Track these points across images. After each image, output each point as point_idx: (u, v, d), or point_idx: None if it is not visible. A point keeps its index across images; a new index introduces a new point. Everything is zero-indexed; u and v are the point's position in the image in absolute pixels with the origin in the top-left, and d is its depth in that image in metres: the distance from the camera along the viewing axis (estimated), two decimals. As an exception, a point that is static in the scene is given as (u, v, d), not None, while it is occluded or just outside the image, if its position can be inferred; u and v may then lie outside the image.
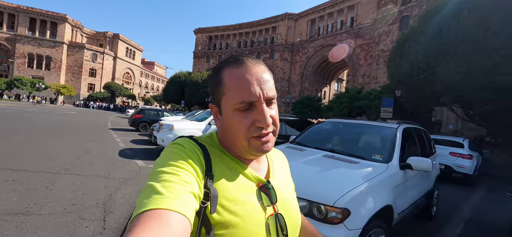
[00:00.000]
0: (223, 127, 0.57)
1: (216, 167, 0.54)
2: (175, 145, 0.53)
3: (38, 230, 2.44)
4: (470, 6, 8.72)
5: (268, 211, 0.56)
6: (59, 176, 4.16)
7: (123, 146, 7.81)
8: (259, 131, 0.53)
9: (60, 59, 54.34)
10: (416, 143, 3.17)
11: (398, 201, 2.23)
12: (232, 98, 0.52)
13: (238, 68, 0.53)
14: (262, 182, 0.58)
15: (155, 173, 0.46)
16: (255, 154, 0.57)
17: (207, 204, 0.48)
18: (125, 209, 3.14)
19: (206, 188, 0.49)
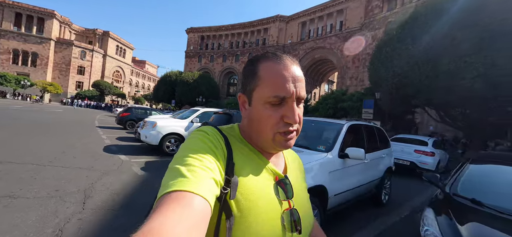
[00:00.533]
0: (251, 117, 0.58)
1: (237, 156, 0.55)
2: (200, 132, 0.56)
3: (24, 209, 2.75)
4: (439, 15, 9.44)
5: (284, 205, 0.57)
6: (43, 168, 4.42)
7: (108, 143, 8.03)
8: (286, 127, 0.54)
9: (47, 55, 53.01)
10: (363, 138, 3.65)
11: (334, 184, 2.68)
12: (266, 91, 0.54)
13: (277, 63, 0.55)
14: (279, 177, 0.59)
15: (181, 157, 0.48)
16: (277, 149, 0.59)
17: (228, 191, 0.49)
18: (104, 195, 3.47)
19: (227, 175, 0.50)
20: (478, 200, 1.91)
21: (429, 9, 9.87)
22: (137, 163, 5.63)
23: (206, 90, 36.98)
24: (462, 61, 8.50)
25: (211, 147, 0.51)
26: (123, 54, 67.92)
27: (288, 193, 0.58)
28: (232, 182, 0.50)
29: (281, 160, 0.66)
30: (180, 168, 0.44)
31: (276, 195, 0.56)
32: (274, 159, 0.63)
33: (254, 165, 0.57)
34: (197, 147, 0.50)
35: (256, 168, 0.57)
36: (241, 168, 0.54)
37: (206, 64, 55.06)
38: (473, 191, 2.05)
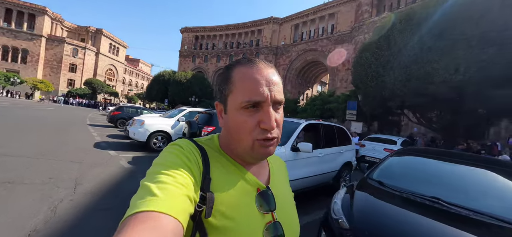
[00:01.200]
0: (227, 125, 0.56)
1: (215, 170, 0.53)
2: (174, 146, 0.53)
3: (21, 192, 3.23)
4: (412, 24, 10.19)
5: (267, 218, 0.55)
6: (37, 160, 4.87)
7: (98, 139, 8.45)
8: (264, 133, 0.52)
9: (37, 52, 52.28)
10: (321, 135, 4.24)
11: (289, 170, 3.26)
12: (239, 96, 0.52)
13: (249, 67, 0.53)
14: (261, 188, 0.57)
15: (151, 173, 0.46)
16: (258, 158, 0.56)
17: (203, 208, 0.47)
18: (93, 183, 3.95)
19: (203, 192, 0.48)
20: (382, 182, 2.51)
21: (404, 18, 10.63)
22: (125, 158, 6.11)
23: (199, 90, 37.28)
24: (430, 67, 9.25)
25: (185, 161, 0.49)
26: (117, 52, 67.43)
27: (271, 205, 0.56)
28: (208, 199, 0.48)
29: (265, 169, 0.64)
30: (150, 185, 0.42)
31: (258, 208, 0.54)
32: (256, 169, 0.60)
33: (233, 179, 0.54)
34: (169, 162, 0.48)
35: (236, 181, 0.54)
36: (219, 182, 0.52)
37: (200, 64, 55.36)
38: (383, 176, 2.64)
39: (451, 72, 8.73)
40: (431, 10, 9.70)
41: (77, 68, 57.08)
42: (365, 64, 12.05)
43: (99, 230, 2.61)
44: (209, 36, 55.97)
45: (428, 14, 9.73)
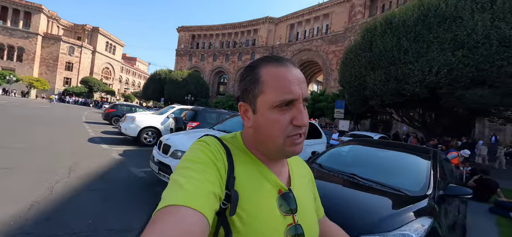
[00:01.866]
0: (257, 125, 0.55)
1: (238, 169, 0.54)
2: (202, 143, 0.55)
3: (22, 175, 3.75)
4: (391, 27, 10.79)
5: (287, 220, 0.55)
6: (34, 152, 5.36)
7: (93, 135, 8.94)
8: (295, 130, 0.53)
9: (33, 50, 52.21)
10: None
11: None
12: (273, 95, 0.52)
13: (279, 66, 0.54)
14: (283, 190, 0.58)
15: (181, 168, 0.48)
16: (287, 155, 0.57)
17: (227, 206, 0.48)
18: (85, 170, 4.47)
19: (228, 190, 0.49)
20: (321, 164, 3.07)
21: (384, 22, 11.22)
22: (116, 151, 6.61)
23: (195, 88, 37.70)
24: (406, 68, 9.86)
25: (212, 159, 0.50)
26: (113, 50, 67.42)
27: (292, 207, 0.57)
28: (232, 197, 0.48)
29: (285, 169, 0.64)
30: (180, 180, 0.44)
31: (279, 209, 0.55)
32: (278, 169, 0.61)
33: (256, 179, 0.55)
34: (198, 158, 0.49)
35: (259, 181, 0.55)
36: (243, 182, 0.52)
37: (197, 63, 55.71)
38: (324, 161, 3.19)
39: (425, 73, 9.34)
40: (409, 14, 10.30)
41: (73, 67, 57.07)
42: (349, 65, 12.64)
43: (89, 204, 3.13)
44: (206, 35, 56.33)
45: (406, 18, 10.33)
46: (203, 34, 56.39)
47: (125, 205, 3.25)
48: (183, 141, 3.65)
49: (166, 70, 41.30)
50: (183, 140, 3.71)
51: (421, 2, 10.22)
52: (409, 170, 2.61)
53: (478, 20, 8.52)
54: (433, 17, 9.51)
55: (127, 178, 4.37)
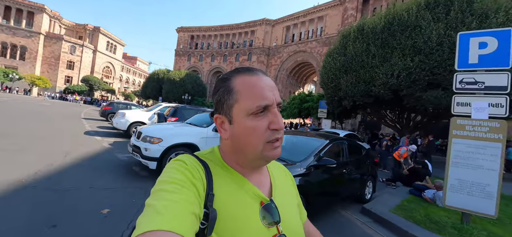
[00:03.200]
0: (235, 135, 0.55)
1: (218, 185, 0.53)
2: (178, 162, 0.53)
3: (26, 155, 4.80)
4: (363, 34, 11.80)
5: (272, 231, 0.55)
6: (37, 139, 6.42)
7: (89, 129, 10.00)
8: (273, 135, 0.54)
9: (36, 49, 53.45)
10: None
11: (202, 144, 4.82)
12: (248, 103, 0.53)
13: (251, 76, 0.56)
14: (265, 201, 0.57)
15: (156, 192, 0.46)
16: (266, 161, 0.57)
17: (206, 225, 0.47)
18: (79, 154, 5.52)
19: (206, 208, 0.48)
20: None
21: (357, 28, 12.24)
22: (107, 141, 7.67)
23: (192, 88, 38.77)
24: (373, 71, 10.86)
25: (190, 178, 0.49)
26: (114, 50, 68.62)
27: (275, 217, 0.56)
28: (210, 217, 0.47)
29: (266, 178, 0.64)
30: (155, 204, 0.42)
31: (263, 222, 0.54)
32: (258, 179, 0.61)
33: (236, 193, 0.55)
34: (174, 179, 0.48)
35: (239, 196, 0.55)
36: (222, 198, 0.52)
37: (195, 63, 56.79)
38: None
39: (388, 76, 10.34)
40: (377, 22, 11.31)
41: (74, 65, 58.29)
42: (327, 67, 13.65)
43: (78, 173, 4.19)
44: (204, 36, 57.41)
45: (374, 25, 11.34)
46: (202, 35, 57.48)
47: (105, 176, 4.30)
48: (151, 129, 4.70)
49: (164, 70, 42.42)
50: (151, 128, 4.77)
51: (388, 11, 11.24)
52: (304, 148, 3.64)
53: (433, 29, 9.52)
54: (397, 25, 10.52)
55: (111, 160, 5.41)
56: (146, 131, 4.60)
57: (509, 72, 3.58)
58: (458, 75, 3.94)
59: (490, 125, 3.58)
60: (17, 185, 3.31)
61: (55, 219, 2.59)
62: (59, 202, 3.04)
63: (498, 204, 3.46)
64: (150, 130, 4.60)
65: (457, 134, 3.79)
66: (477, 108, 3.65)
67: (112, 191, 3.65)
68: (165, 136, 4.41)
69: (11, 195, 3.02)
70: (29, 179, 3.58)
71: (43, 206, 2.87)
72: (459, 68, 3.94)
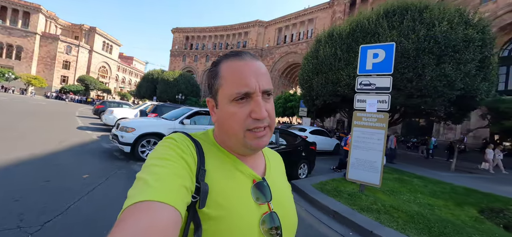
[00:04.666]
0: (219, 119, 0.57)
1: (210, 162, 0.54)
2: (168, 140, 0.54)
3: (28, 142, 5.92)
4: (332, 39, 13.03)
5: (263, 209, 0.55)
6: (33, 131, 7.53)
7: (82, 125, 11.11)
8: (255, 123, 0.53)
9: (32, 49, 54.04)
10: (202, 116, 6.95)
11: (172, 133, 6.01)
12: (229, 89, 0.53)
13: (237, 60, 0.55)
14: (257, 179, 0.58)
15: (147, 166, 0.46)
16: (250, 149, 0.57)
17: (197, 199, 0.48)
18: (71, 143, 6.65)
19: (198, 183, 0.49)
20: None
21: (328, 34, 13.48)
22: (96, 134, 8.79)
23: (186, 88, 39.82)
24: (339, 74, 12.08)
25: (180, 153, 0.50)
26: (110, 50, 69.28)
27: (267, 196, 0.57)
28: (202, 190, 0.48)
29: (260, 161, 0.65)
30: (145, 177, 0.43)
31: (254, 199, 0.55)
32: (252, 161, 0.62)
33: (228, 170, 0.55)
34: (164, 154, 0.49)
35: (231, 173, 0.55)
36: (214, 174, 0.52)
37: (190, 63, 57.85)
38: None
39: (351, 77, 11.56)
40: (344, 29, 12.55)
41: (70, 65, 58.93)
42: (303, 69, 14.88)
43: (68, 157, 5.32)
44: (199, 37, 58.45)
45: (341, 31, 12.57)
46: (197, 36, 58.49)
47: (90, 156, 5.44)
48: (128, 122, 5.86)
49: (159, 70, 43.41)
50: (128, 121, 5.92)
51: (353, 19, 12.49)
52: None
53: (388, 35, 10.77)
54: (359, 32, 11.77)
55: (97, 148, 6.55)
56: (123, 122, 5.75)
57: (391, 76, 4.79)
58: (359, 78, 5.14)
59: (377, 117, 4.79)
60: (18, 161, 4.44)
61: (50, 178, 3.74)
62: (53, 169, 4.18)
63: (381, 176, 4.66)
64: (126, 122, 5.74)
65: (356, 123, 4.99)
66: (370, 104, 4.85)
67: (93, 165, 4.80)
68: (137, 126, 5.57)
69: (13, 167, 4.15)
70: (31, 157, 4.72)
71: (40, 170, 4.01)
72: (359, 73, 5.13)
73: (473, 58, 10.01)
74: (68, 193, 3.27)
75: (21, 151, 5.10)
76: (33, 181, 3.55)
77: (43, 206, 2.81)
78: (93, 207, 3.02)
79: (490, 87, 10.93)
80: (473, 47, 9.98)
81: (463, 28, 10.16)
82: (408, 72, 10.32)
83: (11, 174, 3.75)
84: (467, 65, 9.87)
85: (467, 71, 9.88)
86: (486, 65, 10.65)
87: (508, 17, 19.79)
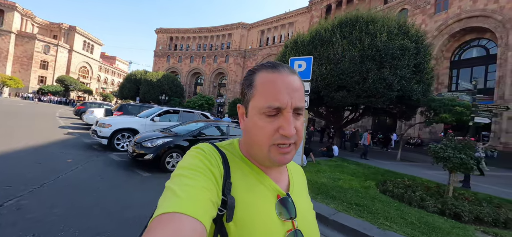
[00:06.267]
0: (247, 129, 0.57)
1: (235, 175, 0.54)
2: (197, 150, 0.55)
3: (17, 138, 6.91)
4: (296, 46, 14.61)
5: (287, 225, 0.55)
6: (18, 129, 8.42)
7: (63, 124, 11.93)
8: (282, 139, 0.52)
9: (6, 49, 52.07)
10: (172, 114, 8.21)
11: (143, 128, 7.20)
12: (260, 101, 0.53)
13: (272, 73, 0.54)
14: (281, 195, 0.58)
15: (177, 176, 0.47)
16: (273, 164, 0.56)
17: (224, 212, 0.48)
18: (54, 138, 7.64)
19: (224, 196, 0.49)
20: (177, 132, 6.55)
21: (292, 40, 15.09)
22: (77, 133, 9.76)
23: (169, 89, 40.32)
24: (301, 77, 13.68)
25: (208, 165, 0.51)
26: (91, 49, 67.79)
27: (291, 212, 0.56)
28: (229, 203, 0.49)
29: (285, 176, 0.65)
30: (174, 188, 0.44)
31: (278, 215, 0.54)
32: (276, 175, 0.62)
33: (253, 184, 0.56)
34: (193, 165, 0.50)
35: (256, 187, 0.55)
36: (239, 187, 0.53)
37: (175, 64, 58.05)
38: (179, 130, 6.69)
39: (311, 80, 13.18)
40: (306, 37, 14.19)
41: (49, 65, 57.26)
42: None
43: (54, 149, 6.39)
44: (183, 38, 58.79)
45: (303, 39, 14.21)
46: (181, 37, 58.80)
47: (73, 148, 6.53)
48: (106, 119, 7.01)
49: (142, 71, 43.55)
50: (106, 118, 7.08)
51: (313, 28, 14.15)
52: (190, 129, 6.11)
53: (340, 44, 12.49)
54: (317, 40, 13.44)
55: (79, 142, 7.61)
56: (102, 120, 6.90)
57: (309, 82, 6.30)
58: (289, 84, 6.65)
59: (301, 113, 6.31)
60: (9, 151, 5.51)
61: (41, 161, 4.88)
62: (42, 156, 5.29)
63: (302, 158, 6.16)
64: (104, 119, 6.89)
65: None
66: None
67: (75, 154, 5.94)
68: (113, 123, 6.75)
69: (6, 154, 5.24)
70: (26, 146, 5.79)
71: (33, 156, 5.12)
72: (290, 79, 6.64)
73: (408, 64, 11.93)
74: (55, 170, 4.45)
75: (10, 143, 6.13)
76: (28, 164, 4.69)
77: (36, 178, 4.00)
78: (75, 178, 4.24)
79: (425, 88, 12.95)
80: (408, 55, 11.90)
81: (400, 38, 12.06)
82: (355, 76, 12.06)
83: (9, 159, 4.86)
84: (403, 70, 11.76)
85: (402, 75, 11.77)
86: (420, 70, 12.64)
87: (457, 25, 22.44)
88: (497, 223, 4.20)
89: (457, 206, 4.35)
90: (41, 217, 2.72)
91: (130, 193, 3.87)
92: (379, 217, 3.79)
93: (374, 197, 4.93)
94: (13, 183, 3.62)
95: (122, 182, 4.43)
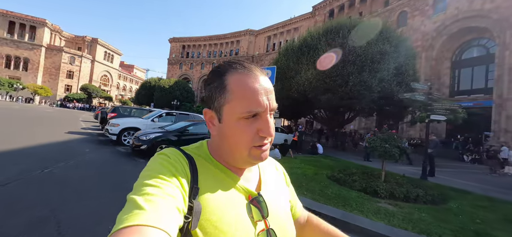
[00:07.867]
0: (223, 134, 0.55)
1: (203, 179, 0.52)
2: (161, 155, 0.53)
3: (42, 134, 8.85)
4: (288, 53, 15.94)
5: (259, 226, 0.54)
6: (47, 127, 10.45)
7: (84, 126, 14.08)
8: (261, 140, 0.53)
9: (37, 61, 57.63)
10: (172, 117, 9.84)
11: (145, 129, 8.88)
12: (239, 106, 0.51)
13: (247, 75, 0.53)
14: (252, 195, 0.57)
15: (138, 186, 0.45)
16: (253, 163, 0.57)
17: (190, 219, 0.46)
18: (75, 135, 9.53)
19: (190, 202, 0.47)
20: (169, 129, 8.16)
21: (285, 47, 16.42)
22: (96, 133, 11.72)
23: (181, 94, 42.79)
24: (291, 81, 14.93)
25: (173, 171, 0.49)
26: (111, 59, 72.87)
27: (263, 211, 0.56)
28: (194, 210, 0.47)
29: (255, 174, 0.63)
30: (136, 198, 0.41)
31: (250, 216, 0.54)
32: (247, 174, 0.61)
33: (223, 187, 0.54)
34: (156, 172, 0.47)
35: (225, 190, 0.54)
36: (208, 192, 0.51)
37: (187, 71, 61.12)
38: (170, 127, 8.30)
39: (300, 84, 14.42)
40: (295, 44, 15.47)
41: (74, 75, 62.45)
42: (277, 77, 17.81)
43: (74, 144, 8.20)
44: (195, 46, 61.80)
45: (294, 46, 15.49)
46: (192, 45, 61.84)
47: (88, 143, 8.30)
48: (115, 120, 8.74)
49: (156, 79, 46.62)
50: (116, 119, 8.81)
51: (302, 36, 15.41)
52: (177, 127, 7.64)
53: (325, 50, 13.65)
54: (305, 47, 14.68)
55: (94, 139, 9.44)
56: (112, 120, 8.67)
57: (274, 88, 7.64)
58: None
59: (268, 112, 7.66)
60: (45, 143, 7.34)
61: (67, 149, 6.63)
62: (67, 147, 7.05)
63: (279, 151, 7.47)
64: (114, 120, 8.65)
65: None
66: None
67: (91, 146, 7.70)
68: (121, 123, 8.49)
69: (44, 145, 7.04)
70: (52, 141, 7.64)
71: (59, 146, 6.89)
72: (260, 85, 8.03)
73: (388, 67, 12.83)
74: (75, 154, 6.17)
75: (41, 137, 8.02)
76: (54, 150, 6.45)
77: (62, 159, 5.70)
78: (90, 159, 5.91)
79: (407, 89, 13.70)
80: (388, 58, 12.81)
81: (381, 43, 13.00)
82: (338, 79, 13.13)
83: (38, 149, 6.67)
84: (382, 72, 12.68)
85: (382, 78, 12.68)
86: (401, 72, 13.45)
87: (455, 27, 22.58)
88: (408, 200, 5.14)
89: (377, 185, 5.45)
90: (64, 178, 4.33)
91: (127, 172, 5.45)
92: (303, 190, 5.00)
93: (317, 180, 6.10)
94: (48, 161, 5.32)
95: (122, 164, 6.03)
